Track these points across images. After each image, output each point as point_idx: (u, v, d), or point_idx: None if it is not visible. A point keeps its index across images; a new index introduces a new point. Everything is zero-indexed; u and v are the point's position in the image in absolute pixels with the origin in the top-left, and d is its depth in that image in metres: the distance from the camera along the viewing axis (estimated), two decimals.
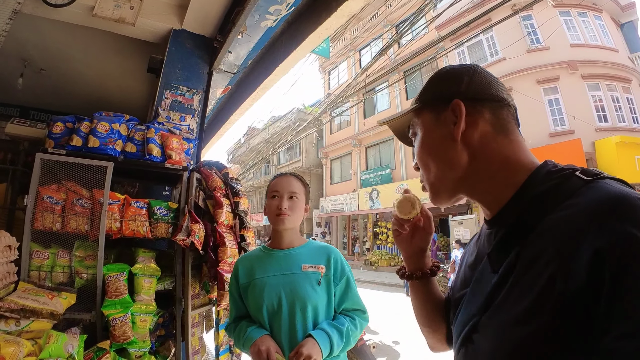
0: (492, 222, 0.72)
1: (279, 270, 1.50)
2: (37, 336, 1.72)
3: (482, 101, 0.73)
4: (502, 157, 0.70)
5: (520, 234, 0.61)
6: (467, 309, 0.70)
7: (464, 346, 0.68)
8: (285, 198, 1.54)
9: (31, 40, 3.55)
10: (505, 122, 0.72)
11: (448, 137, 0.73)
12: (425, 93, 0.80)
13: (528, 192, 0.65)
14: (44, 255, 2.09)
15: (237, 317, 1.58)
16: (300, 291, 1.44)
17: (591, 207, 0.52)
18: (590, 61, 12.85)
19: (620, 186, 0.55)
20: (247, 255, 1.68)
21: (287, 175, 1.63)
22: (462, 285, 0.80)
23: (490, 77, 0.75)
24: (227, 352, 2.60)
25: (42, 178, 2.11)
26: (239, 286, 1.56)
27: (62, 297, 1.90)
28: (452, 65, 0.81)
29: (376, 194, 18.15)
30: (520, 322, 0.54)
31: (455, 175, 0.74)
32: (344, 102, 12.53)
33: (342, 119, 22.11)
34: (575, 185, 0.58)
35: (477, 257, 0.77)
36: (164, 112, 2.93)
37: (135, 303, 2.15)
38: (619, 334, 0.44)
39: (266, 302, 1.44)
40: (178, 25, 3.21)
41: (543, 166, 0.67)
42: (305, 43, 3.23)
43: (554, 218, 0.56)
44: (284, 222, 1.52)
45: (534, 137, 12.38)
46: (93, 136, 2.23)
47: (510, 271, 0.60)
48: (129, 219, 2.25)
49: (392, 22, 18.45)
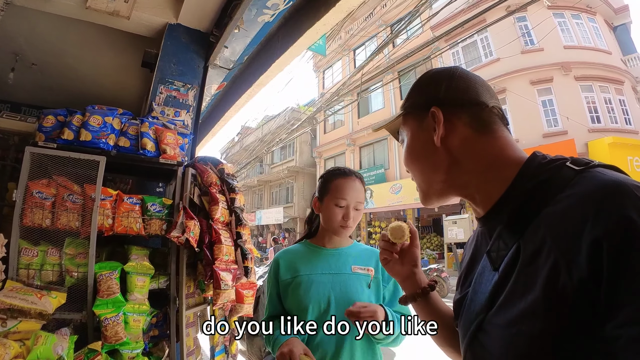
0: (485, 219, 0.73)
1: (328, 269, 1.44)
2: (25, 337, 1.66)
3: (461, 106, 0.73)
4: (488, 155, 0.71)
5: (517, 230, 0.61)
6: (471, 309, 0.70)
7: (471, 346, 0.68)
8: (352, 209, 1.44)
9: (23, 33, 3.46)
10: (488, 122, 0.73)
11: (430, 143, 0.75)
12: (409, 99, 0.83)
13: (520, 186, 0.65)
14: (33, 253, 2.02)
15: (271, 317, 1.50)
16: (350, 293, 1.38)
17: (586, 197, 0.53)
18: (583, 63, 13.01)
19: (613, 173, 0.56)
20: (288, 249, 1.59)
21: (354, 179, 1.49)
22: (463, 287, 0.79)
23: (469, 80, 0.75)
24: (223, 353, 2.54)
25: (32, 173, 2.04)
26: (279, 283, 1.48)
27: (52, 297, 1.84)
28: (436, 68, 0.82)
29: (370, 193, 18.17)
30: (526, 317, 0.54)
31: (441, 179, 0.76)
32: (338, 101, 12.52)
33: (336, 118, 22.12)
34: (568, 175, 0.58)
35: (474, 257, 0.78)
36: (158, 107, 2.87)
37: (128, 302, 2.08)
38: (621, 321, 0.45)
39: (313, 302, 1.37)
40: (174, 19, 3.15)
41: (532, 159, 0.67)
42: (303, 39, 3.19)
43: (551, 211, 0.56)
44: (345, 234, 1.48)
45: (528, 138, 12.51)
46: (85, 130, 2.16)
47: (511, 267, 0.60)
48: (122, 215, 2.18)
49: (387, 21, 18.49)
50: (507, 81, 13.36)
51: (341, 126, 21.83)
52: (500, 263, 0.63)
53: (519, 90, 12.87)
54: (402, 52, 11.35)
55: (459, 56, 15.38)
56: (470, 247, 0.83)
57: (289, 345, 1.26)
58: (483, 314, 0.64)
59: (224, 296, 2.16)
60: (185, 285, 2.30)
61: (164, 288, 2.33)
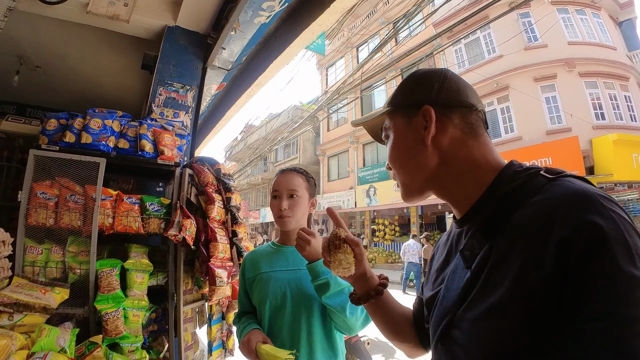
0: (462, 220, 0.76)
1: (286, 266, 1.50)
2: (30, 330, 1.75)
3: (452, 107, 0.75)
4: (471, 159, 0.74)
5: (491, 230, 0.65)
6: (442, 306, 0.73)
7: (441, 341, 0.71)
8: (285, 197, 1.50)
9: (26, 37, 3.55)
10: (474, 126, 0.75)
11: (419, 141, 0.76)
12: (397, 97, 0.83)
13: (496, 190, 0.68)
14: (38, 251, 2.11)
15: (241, 313, 1.60)
16: (306, 288, 1.43)
17: (556, 201, 0.56)
18: (588, 59, 12.83)
19: (582, 183, 0.60)
20: (255, 250, 1.68)
21: (286, 171, 1.58)
22: (435, 284, 0.83)
23: (460, 83, 0.78)
24: (220, 348, 2.62)
25: (36, 174, 2.12)
26: (245, 281, 1.57)
27: (55, 292, 1.92)
28: (425, 69, 0.83)
29: (373, 191, 18.13)
30: (495, 313, 0.58)
31: (425, 177, 0.77)
32: (341, 99, 12.52)
33: (339, 116, 22.03)
34: (540, 182, 0.62)
35: (448, 256, 0.81)
36: (157, 109, 2.94)
37: (128, 298, 2.17)
38: (586, 316, 0.48)
39: (270, 297, 1.44)
40: (172, 21, 3.21)
41: (509, 166, 0.71)
42: (299, 40, 3.24)
43: (522, 214, 0.60)
44: (285, 224, 1.51)
45: (531, 135, 12.41)
46: (86, 132, 2.24)
47: (483, 266, 0.63)
48: (122, 214, 2.26)
49: (390, 19, 18.40)
50: (510, 78, 13.22)
51: (344, 124, 21.67)
52: (472, 262, 0.66)
53: (522, 87, 12.75)
54: (404, 50, 11.32)
55: (461, 53, 15.24)
56: (444, 246, 0.86)
57: (249, 334, 1.38)
58: (455, 309, 0.67)
59: (220, 292, 2.24)
60: (183, 282, 2.38)
61: (162, 284, 2.41)
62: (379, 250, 17.92)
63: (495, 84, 13.41)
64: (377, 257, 17.29)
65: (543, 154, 11.65)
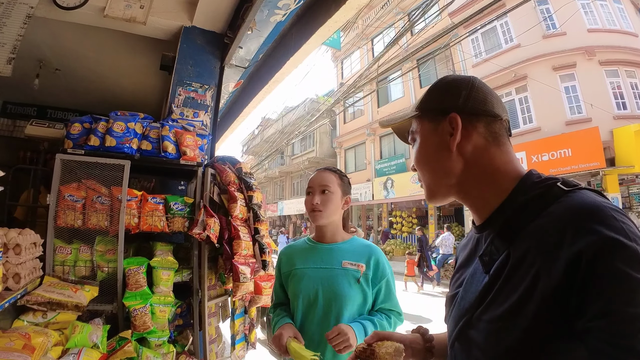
0: (482, 227, 0.79)
1: (320, 264, 1.56)
2: (63, 327, 1.81)
3: (478, 115, 0.78)
4: (493, 167, 0.76)
5: (508, 238, 0.69)
6: (461, 306, 0.77)
7: (459, 340, 0.76)
8: (317, 193, 1.58)
9: (45, 41, 3.62)
10: (498, 135, 0.78)
11: (444, 147, 0.79)
12: (426, 102, 0.85)
13: (515, 199, 0.71)
14: (67, 251, 2.19)
15: (277, 304, 1.68)
16: (337, 287, 1.48)
17: (569, 212, 0.61)
18: (608, 47, 12.42)
19: (595, 196, 0.63)
20: (290, 245, 1.75)
21: (320, 170, 1.67)
22: (454, 286, 0.86)
23: (487, 92, 0.80)
24: (243, 341, 2.67)
25: (63, 177, 2.19)
26: (281, 275, 1.65)
27: (85, 290, 1.99)
28: (453, 76, 0.85)
29: (391, 183, 18.03)
30: (509, 316, 0.62)
31: (449, 182, 0.81)
32: (356, 91, 12.46)
33: (355, 108, 21.93)
34: (557, 194, 0.66)
35: (468, 260, 0.84)
36: (177, 109, 2.98)
37: (154, 294, 2.24)
38: (592, 315, 0.52)
39: (303, 293, 1.51)
40: (188, 22, 3.25)
41: (528, 176, 0.74)
42: (315, 36, 3.25)
43: (538, 223, 0.64)
44: (317, 218, 1.57)
45: (550, 126, 12.14)
46: (110, 136, 2.30)
47: (500, 271, 0.68)
48: (147, 214, 2.32)
49: (405, 9, 18.16)
50: (528, 67, 12.92)
51: (361, 116, 21.54)
52: (491, 267, 0.70)
53: (541, 77, 12.46)
54: (420, 40, 11.16)
55: (478, 43, 14.93)
56: (464, 249, 0.90)
57: (281, 329, 1.45)
58: (472, 310, 0.72)
59: (243, 288, 2.29)
60: (207, 278, 2.43)
61: (187, 281, 2.47)
62: (397, 242, 17.87)
63: (513, 74, 13.10)
64: (395, 249, 17.26)
65: (562, 145, 11.40)
